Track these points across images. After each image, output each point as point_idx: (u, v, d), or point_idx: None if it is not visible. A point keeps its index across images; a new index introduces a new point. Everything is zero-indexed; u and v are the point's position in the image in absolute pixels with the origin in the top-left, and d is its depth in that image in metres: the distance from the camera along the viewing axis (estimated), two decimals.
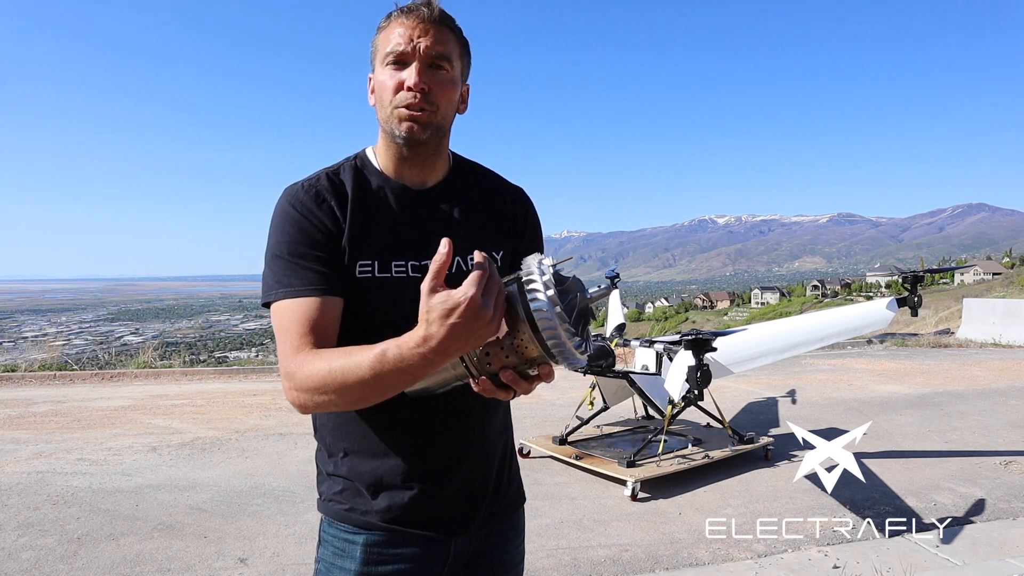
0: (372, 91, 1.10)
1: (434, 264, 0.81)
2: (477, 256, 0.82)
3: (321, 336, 0.99)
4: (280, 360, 1.00)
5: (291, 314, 1.00)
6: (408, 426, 1.08)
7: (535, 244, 1.22)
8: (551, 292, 0.82)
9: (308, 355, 0.96)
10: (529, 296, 0.83)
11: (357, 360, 0.88)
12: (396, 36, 1.05)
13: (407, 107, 1.04)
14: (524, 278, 0.86)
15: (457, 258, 1.09)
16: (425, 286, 0.81)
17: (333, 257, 1.04)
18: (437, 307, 0.79)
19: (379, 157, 1.13)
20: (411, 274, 1.06)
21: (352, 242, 1.05)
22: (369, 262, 1.05)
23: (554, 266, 0.88)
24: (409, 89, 1.03)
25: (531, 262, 0.87)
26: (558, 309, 0.82)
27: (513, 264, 1.15)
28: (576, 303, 0.88)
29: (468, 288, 0.78)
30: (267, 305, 1.05)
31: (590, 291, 0.91)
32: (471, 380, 0.91)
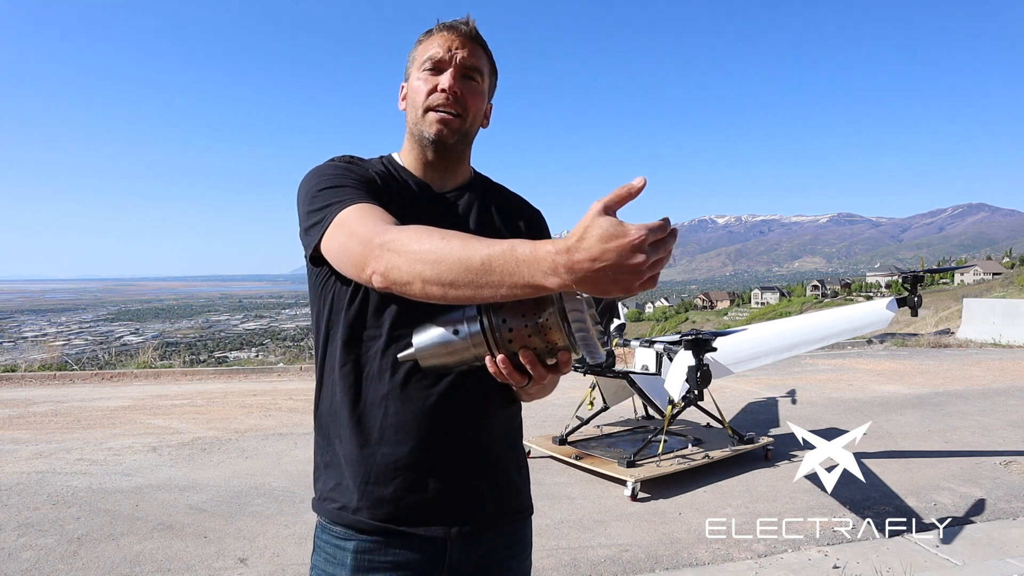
0: (403, 97, 1.18)
1: (620, 189, 0.75)
2: (663, 219, 0.75)
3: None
4: (365, 239, 0.91)
5: (360, 214, 0.95)
6: (412, 413, 1.06)
7: None
8: None
9: (410, 227, 0.89)
10: None
11: (474, 243, 0.82)
12: (435, 46, 1.13)
13: (439, 108, 1.11)
14: None
15: None
16: (598, 204, 0.74)
17: (376, 194, 1.06)
18: (603, 225, 0.72)
19: (404, 160, 1.20)
20: None
21: None
22: None
23: None
24: (443, 91, 1.11)
25: None
26: (587, 295, 0.83)
27: None
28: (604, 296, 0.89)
29: (644, 227, 0.72)
30: (316, 250, 1.00)
31: None
32: (489, 357, 0.90)
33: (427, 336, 0.93)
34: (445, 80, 1.11)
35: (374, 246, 0.89)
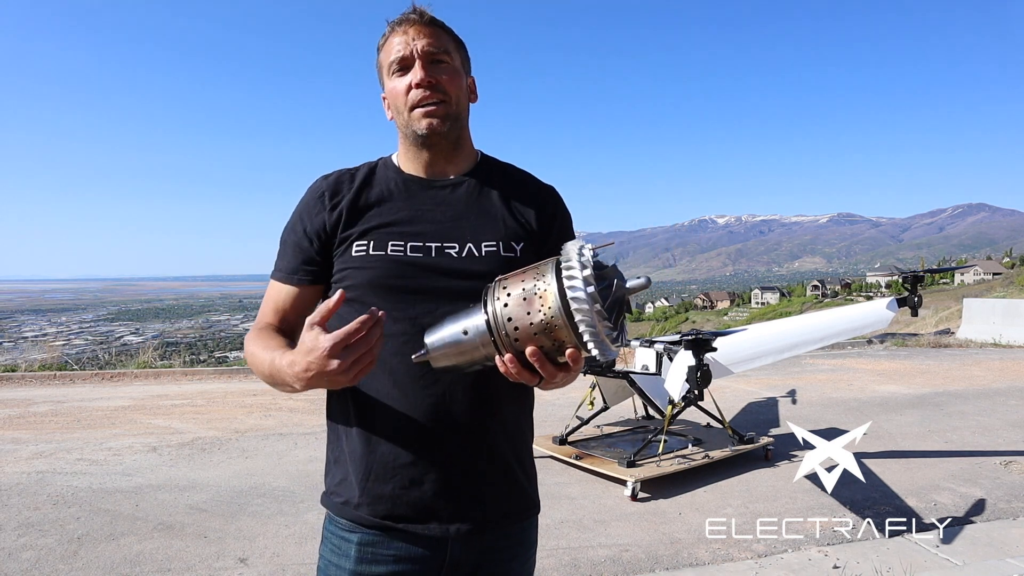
0: (388, 106, 1.17)
1: (322, 306, 0.91)
2: (368, 314, 0.87)
3: (284, 318, 1.15)
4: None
5: (268, 295, 1.18)
6: (412, 413, 1.06)
7: (564, 242, 1.21)
8: (587, 272, 0.82)
9: (256, 332, 1.12)
10: (565, 278, 0.83)
11: (265, 355, 1.02)
12: (394, 47, 1.12)
13: (421, 104, 1.10)
14: (562, 260, 0.86)
15: (469, 244, 1.11)
16: (309, 320, 0.90)
17: (314, 250, 1.14)
18: (306, 342, 0.89)
19: (400, 158, 1.19)
20: (409, 254, 1.09)
21: (350, 227, 1.12)
22: (364, 242, 1.11)
23: (595, 251, 0.87)
24: (418, 87, 1.10)
25: (571, 247, 0.87)
26: (591, 290, 0.82)
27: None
28: (612, 291, 0.86)
29: (330, 340, 0.85)
30: None
31: (629, 282, 0.89)
32: (497, 357, 0.90)
33: (438, 337, 0.94)
34: (416, 75, 1.10)
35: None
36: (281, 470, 4.60)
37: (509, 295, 0.89)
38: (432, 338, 0.94)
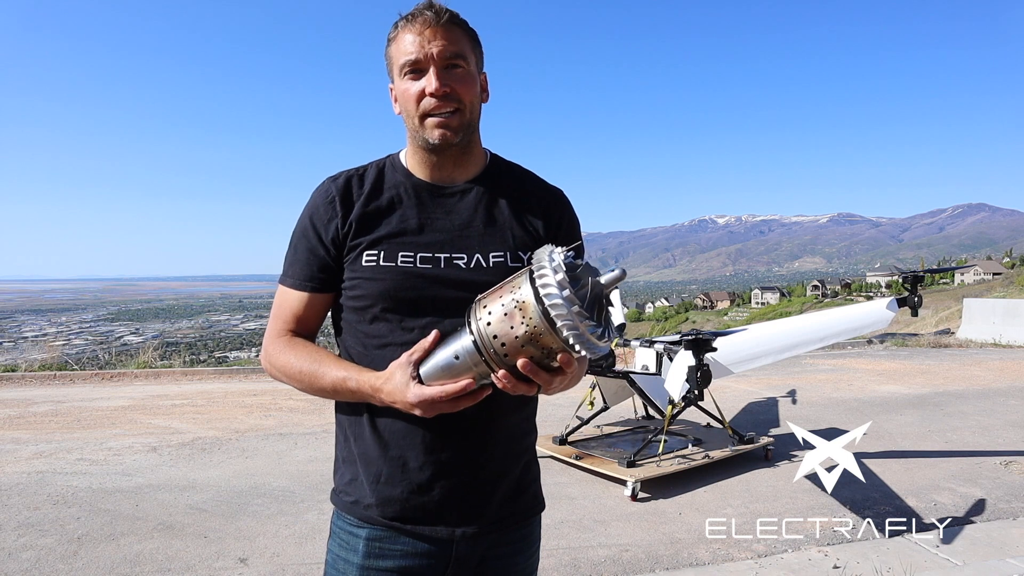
0: (395, 100, 1.14)
1: (419, 344, 0.98)
2: (462, 386, 0.93)
3: (302, 326, 1.16)
4: (266, 333, 1.18)
5: (282, 301, 1.16)
6: (420, 418, 1.06)
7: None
8: (560, 276, 0.82)
9: (286, 342, 1.13)
10: (539, 286, 0.84)
11: (323, 371, 1.07)
12: (407, 45, 1.07)
13: (434, 112, 1.07)
14: (535, 269, 0.86)
15: (477, 254, 1.10)
16: (407, 356, 0.97)
17: (329, 257, 1.13)
18: (397, 377, 0.98)
19: (408, 162, 1.17)
20: (418, 265, 1.08)
21: (360, 235, 1.10)
22: (375, 252, 1.09)
23: (566, 254, 0.88)
24: (432, 95, 1.06)
25: (542, 254, 0.87)
26: (567, 293, 0.82)
27: None
28: (588, 289, 0.87)
29: (427, 393, 0.94)
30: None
31: (603, 276, 0.89)
32: (492, 374, 0.91)
33: (432, 365, 0.95)
34: (430, 83, 1.05)
35: (263, 347, 1.16)
36: (281, 470, 4.60)
37: (490, 313, 0.89)
38: (426, 368, 0.96)
